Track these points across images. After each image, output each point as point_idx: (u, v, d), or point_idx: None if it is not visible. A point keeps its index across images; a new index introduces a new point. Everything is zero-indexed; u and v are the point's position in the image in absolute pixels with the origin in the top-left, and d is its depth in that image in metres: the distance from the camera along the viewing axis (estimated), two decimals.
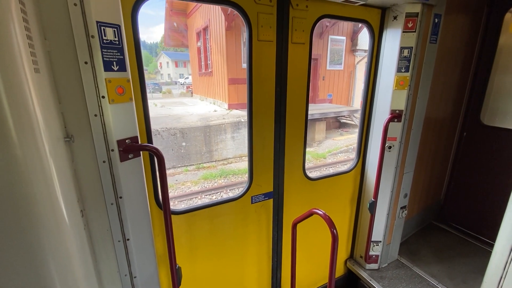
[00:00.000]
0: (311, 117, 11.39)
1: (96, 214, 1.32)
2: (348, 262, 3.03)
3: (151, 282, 1.61)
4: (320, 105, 14.00)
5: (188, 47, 17.40)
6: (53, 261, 0.93)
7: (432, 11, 2.19)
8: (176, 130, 8.94)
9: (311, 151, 10.44)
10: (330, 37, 13.93)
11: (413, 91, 2.35)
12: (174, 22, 15.75)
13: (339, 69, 14.72)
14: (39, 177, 0.88)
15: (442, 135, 3.27)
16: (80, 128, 1.20)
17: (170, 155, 8.84)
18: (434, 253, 3.13)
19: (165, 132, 8.79)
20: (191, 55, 17.38)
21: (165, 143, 8.78)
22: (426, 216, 3.67)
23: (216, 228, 2.06)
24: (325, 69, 14.32)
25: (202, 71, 15.53)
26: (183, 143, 9.05)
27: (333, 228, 1.56)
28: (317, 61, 14.07)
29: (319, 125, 11.88)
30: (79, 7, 1.09)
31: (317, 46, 13.71)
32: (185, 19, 15.75)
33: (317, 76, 14.28)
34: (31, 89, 0.85)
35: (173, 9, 15.00)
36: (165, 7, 15.11)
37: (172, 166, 8.79)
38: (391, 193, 2.62)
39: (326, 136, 12.16)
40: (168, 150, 8.83)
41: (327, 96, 14.83)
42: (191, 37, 15.85)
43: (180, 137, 8.97)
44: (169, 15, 15.34)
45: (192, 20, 15.07)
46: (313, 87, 14.39)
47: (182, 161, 9.03)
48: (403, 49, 2.21)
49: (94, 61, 1.16)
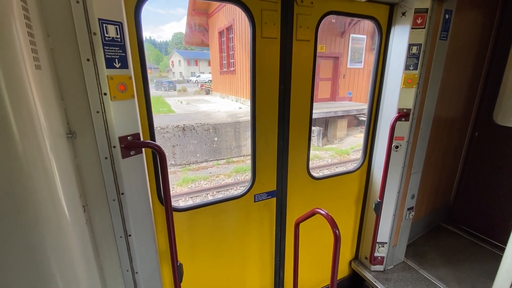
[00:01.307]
0: (334, 114, 11.65)
1: (98, 210, 1.34)
2: (353, 263, 2.99)
3: (152, 278, 1.62)
4: (340, 103, 14.17)
5: (209, 46, 17.89)
6: (53, 255, 0.94)
7: (442, 7, 2.12)
8: (209, 125, 9.47)
9: (334, 148, 10.85)
10: (351, 35, 14.13)
11: (422, 89, 2.29)
12: (195, 21, 16.15)
13: (359, 67, 14.90)
14: (39, 172, 0.89)
15: (452, 135, 3.18)
16: (82, 125, 1.21)
17: (204, 149, 9.42)
18: (442, 256, 3.05)
19: (200, 128, 9.32)
20: (211, 54, 17.84)
21: (199, 138, 9.31)
22: (435, 217, 3.58)
23: (218, 226, 2.06)
24: (345, 67, 14.58)
25: (223, 69, 15.89)
26: (215, 138, 9.57)
27: (335, 228, 1.53)
28: (338, 60, 14.28)
29: (340, 122, 12.00)
30: (81, 4, 1.10)
31: (338, 44, 14.00)
32: (206, 18, 16.14)
33: (337, 74, 14.50)
34: (32, 85, 0.86)
35: (196, 9, 15.44)
36: (187, 7, 15.58)
37: (205, 159, 9.33)
38: (397, 194, 2.56)
39: (347, 133, 12.35)
40: (201, 144, 9.38)
41: (347, 94, 15.03)
42: (213, 36, 16.29)
43: (212, 133, 9.50)
44: (191, 14, 15.80)
45: (214, 20, 15.48)
46: (334, 85, 14.68)
47: (214, 155, 9.54)
48: (411, 46, 2.15)
49: (96, 58, 1.17)
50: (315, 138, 11.18)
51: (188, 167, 8.91)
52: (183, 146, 9.16)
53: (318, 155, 9.93)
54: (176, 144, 9.07)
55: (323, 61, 14.06)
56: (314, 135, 11.18)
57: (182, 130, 9.14)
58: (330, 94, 14.93)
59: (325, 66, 14.27)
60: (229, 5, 13.50)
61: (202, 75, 38.31)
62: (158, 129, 8.80)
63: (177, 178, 7.94)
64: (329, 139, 12.04)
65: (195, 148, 9.36)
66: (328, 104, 13.87)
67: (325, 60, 14.17)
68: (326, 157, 9.79)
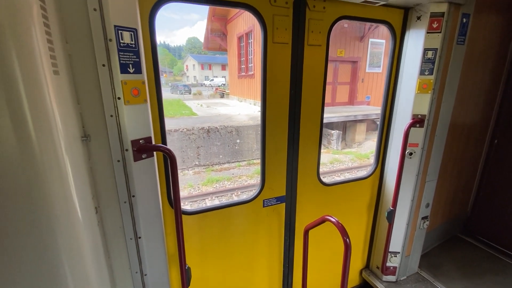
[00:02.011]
0: (354, 118, 11.68)
1: (110, 212, 1.36)
2: (364, 272, 2.91)
3: (161, 280, 1.63)
4: (358, 107, 14.20)
5: (227, 51, 18.39)
6: (65, 255, 0.96)
7: (459, 11, 2.06)
8: (232, 128, 9.78)
9: (354, 152, 10.91)
10: (370, 40, 14.24)
11: (438, 95, 2.23)
12: (215, 27, 16.69)
13: (377, 72, 14.96)
14: (54, 173, 0.91)
15: (470, 142, 3.06)
16: (96, 128, 1.24)
17: (226, 150, 9.72)
18: (458, 268, 2.93)
19: (223, 130, 9.65)
20: (229, 58, 18.35)
21: (222, 139, 9.62)
22: (451, 228, 3.45)
23: (227, 230, 2.06)
24: (364, 71, 14.68)
25: (242, 73, 16.29)
26: (238, 140, 9.84)
27: (345, 237, 1.50)
28: (357, 64, 14.38)
29: (359, 126, 11.97)
30: (98, 12, 1.13)
31: (357, 49, 14.13)
32: (225, 24, 16.65)
33: (356, 78, 14.59)
34: (50, 90, 0.89)
35: (215, 15, 15.97)
36: (207, 13, 16.21)
37: (227, 161, 9.63)
38: (411, 202, 2.48)
39: (366, 137, 12.34)
40: (224, 146, 9.68)
41: (365, 98, 15.08)
42: (231, 41, 16.74)
43: (235, 135, 9.79)
44: (211, 20, 16.33)
45: (233, 25, 15.94)
46: (352, 89, 14.78)
47: (236, 156, 9.82)
48: (427, 51, 2.10)
49: (111, 63, 1.20)
50: (334, 142, 11.21)
51: (211, 168, 9.17)
52: (207, 147, 9.48)
53: (338, 159, 9.97)
54: (201, 146, 9.38)
55: (341, 65, 14.17)
56: (333, 139, 11.24)
57: (207, 132, 9.45)
58: (348, 98, 14.99)
59: (343, 70, 14.36)
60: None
61: (216, 79, 39.07)
62: (184, 131, 9.16)
63: (202, 178, 8.18)
64: (347, 143, 11.99)
65: (218, 150, 9.64)
66: (346, 108, 13.88)
67: (344, 64, 14.25)
68: (346, 161, 9.81)
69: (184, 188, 7.58)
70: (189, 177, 8.43)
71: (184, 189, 7.50)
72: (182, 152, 9.17)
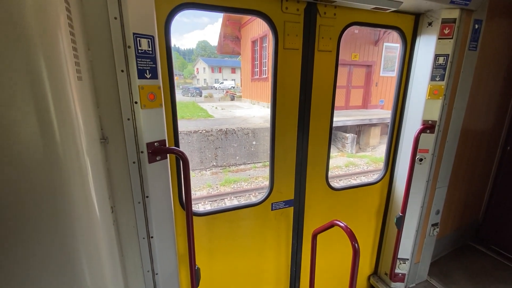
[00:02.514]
0: (369, 122, 11.68)
1: (124, 211, 1.41)
2: (372, 279, 2.88)
3: (171, 280, 1.67)
4: (372, 111, 14.19)
5: (240, 54, 18.71)
6: (84, 252, 1.00)
7: (472, 17, 2.05)
8: (248, 130, 9.99)
9: (368, 155, 10.95)
10: (384, 44, 14.28)
11: (449, 101, 2.21)
12: (229, 31, 17.02)
13: (391, 76, 14.95)
14: (76, 174, 0.96)
15: (482, 149, 3.01)
16: (114, 131, 1.29)
17: (243, 152, 9.92)
18: (469, 277, 2.87)
19: (240, 132, 9.87)
20: (243, 62, 18.70)
21: (239, 141, 9.82)
22: (462, 235, 3.38)
23: (236, 232, 2.08)
24: (378, 75, 14.72)
25: (255, 76, 16.56)
26: (254, 142, 10.04)
27: (354, 242, 1.50)
28: (371, 68, 14.43)
29: (374, 130, 11.95)
30: (119, 20, 1.19)
31: (372, 53, 14.20)
32: (239, 28, 16.96)
33: (370, 82, 14.63)
34: (74, 95, 0.95)
35: (230, 20, 16.29)
36: (221, 18, 16.68)
37: (243, 162, 9.83)
38: (421, 209, 2.46)
39: (380, 141, 12.32)
40: (241, 148, 9.87)
41: (379, 102, 15.11)
42: (245, 45, 17.01)
43: (251, 136, 9.99)
44: (225, 25, 16.69)
45: (248, 30, 16.23)
46: (366, 93, 14.80)
47: (251, 158, 10.01)
48: (438, 57, 2.10)
49: (129, 69, 1.25)
50: (349, 145, 11.21)
51: (228, 169, 9.36)
52: (224, 148, 9.67)
53: (353, 162, 9.98)
54: (218, 147, 9.59)
55: (355, 69, 14.21)
56: (348, 142, 11.24)
57: (225, 134, 9.67)
58: (362, 102, 14.99)
59: (357, 74, 14.39)
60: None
61: (225, 82, 39.52)
62: (203, 132, 9.39)
63: (220, 179, 8.35)
64: (361, 147, 11.93)
65: (235, 151, 9.82)
66: (360, 111, 13.88)
67: (358, 68, 14.29)
68: (362, 164, 9.81)
69: (203, 188, 7.78)
70: (207, 177, 8.65)
71: (203, 189, 7.69)
72: (201, 152, 9.40)
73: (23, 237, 0.85)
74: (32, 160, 0.83)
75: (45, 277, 0.92)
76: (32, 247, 0.87)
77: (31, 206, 0.85)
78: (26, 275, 0.88)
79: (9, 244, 0.83)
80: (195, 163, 9.32)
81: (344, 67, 13.85)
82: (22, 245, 0.85)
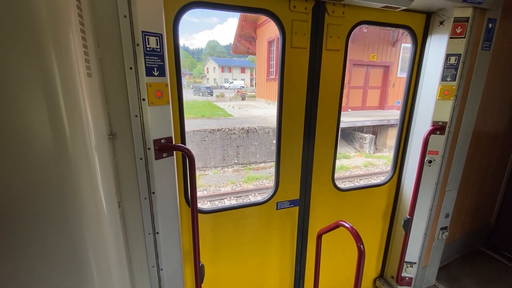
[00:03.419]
0: (387, 122, 11.70)
1: (131, 207, 1.43)
2: (378, 282, 2.84)
3: (176, 276, 1.68)
4: (389, 112, 14.25)
5: (256, 54, 19.01)
6: (91, 246, 1.03)
7: (485, 16, 2.00)
8: (269, 129, 10.23)
9: (386, 156, 11.01)
10: (402, 45, 14.35)
11: (460, 101, 2.16)
12: (245, 32, 17.30)
13: None
14: (84, 169, 0.98)
15: (494, 151, 2.93)
16: (122, 127, 1.32)
17: (263, 150, 10.19)
18: (479, 283, 2.79)
19: (261, 131, 10.16)
20: (258, 62, 19.01)
21: (259, 140, 10.09)
22: (472, 240, 3.30)
23: (240, 231, 2.09)
24: (395, 76, 14.80)
25: (271, 76, 16.80)
26: (274, 140, 10.17)
27: (360, 243, 1.48)
28: (388, 69, 14.54)
29: (391, 131, 11.92)
30: (128, 18, 1.21)
31: (389, 54, 14.31)
32: (255, 28, 17.20)
33: (387, 83, 14.73)
34: (84, 91, 0.97)
35: (246, 20, 16.52)
36: (238, 18, 16.84)
37: (263, 160, 10.10)
38: (429, 211, 2.41)
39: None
40: (261, 146, 10.14)
41: (395, 103, 15.18)
42: (260, 45, 17.25)
43: (272, 135, 10.23)
44: (241, 25, 16.95)
45: (264, 30, 16.46)
46: (383, 93, 14.96)
47: (271, 156, 10.25)
48: (449, 57, 2.05)
49: (137, 66, 1.27)
50: (367, 145, 11.29)
51: (249, 167, 9.58)
52: (245, 146, 9.91)
53: (372, 162, 10.00)
54: (240, 145, 9.82)
55: (373, 70, 14.31)
56: (366, 142, 11.33)
57: (246, 132, 9.90)
58: (378, 103, 15.04)
59: (375, 75, 14.46)
60: None
61: (235, 81, 39.66)
62: (226, 131, 9.56)
63: (242, 176, 8.58)
64: (377, 147, 11.91)
65: (256, 149, 10.04)
66: (377, 112, 13.92)
67: (375, 69, 14.37)
68: (380, 165, 9.81)
69: (226, 184, 8.01)
70: (229, 174, 8.92)
71: (227, 185, 7.94)
72: (223, 150, 9.62)
73: (32, 230, 0.87)
74: (42, 155, 0.85)
75: (52, 270, 0.94)
76: (41, 240, 0.89)
77: (40, 200, 0.87)
78: (34, 267, 0.90)
79: (19, 237, 0.85)
80: (218, 160, 9.56)
81: (361, 68, 13.92)
82: (30, 239, 0.87)
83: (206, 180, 8.33)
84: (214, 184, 8.00)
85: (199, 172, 9.13)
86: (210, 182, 8.11)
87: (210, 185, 7.93)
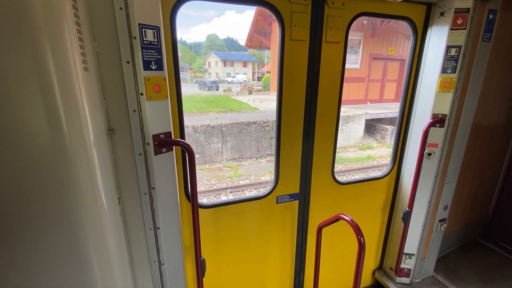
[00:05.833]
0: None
1: (131, 202, 1.43)
2: (377, 273, 2.88)
3: (177, 270, 1.69)
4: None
5: (271, 49, 19.41)
6: (92, 242, 1.02)
7: (486, 7, 1.98)
8: None
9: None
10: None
11: (460, 94, 2.15)
12: (260, 26, 17.29)
13: None
14: (83, 165, 0.97)
15: (493, 144, 2.94)
16: (120, 122, 1.30)
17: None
18: (476, 273, 2.84)
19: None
20: (272, 55, 19.53)
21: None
22: (470, 231, 3.33)
23: (241, 225, 2.09)
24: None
25: None
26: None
27: (360, 236, 1.49)
28: (405, 62, 14.82)
29: None
30: (124, 10, 1.18)
31: (407, 47, 14.58)
32: (270, 23, 17.10)
33: (403, 76, 14.77)
34: (81, 85, 0.95)
35: (262, 15, 16.43)
36: (254, 12, 16.87)
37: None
38: (428, 204, 2.43)
39: None
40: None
41: None
42: (275, 39, 17.27)
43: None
44: (257, 19, 16.92)
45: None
46: (399, 86, 15.30)
47: None
48: (450, 48, 2.03)
49: (135, 60, 1.25)
50: (388, 136, 11.72)
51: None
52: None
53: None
54: (272, 137, 9.99)
55: (390, 63, 14.54)
56: (387, 134, 11.70)
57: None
58: (395, 95, 15.32)
59: (392, 68, 14.71)
60: None
61: (237, 76, 39.33)
62: (260, 123, 10.05)
63: (266, 168, 9.04)
64: (388, 141, 12.26)
65: None
66: (393, 104, 14.16)
67: (393, 63, 14.58)
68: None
69: (265, 173, 8.54)
70: (264, 165, 9.36)
71: (266, 175, 8.47)
72: (258, 142, 9.91)
73: (32, 228, 0.86)
74: (40, 151, 0.84)
75: (54, 266, 0.94)
76: (41, 237, 0.89)
77: (39, 197, 0.86)
78: (35, 263, 0.90)
79: (19, 234, 0.85)
80: (253, 152, 9.85)
81: (380, 61, 14.08)
82: (31, 235, 0.87)
83: (245, 170, 8.76)
84: (253, 174, 8.41)
85: (235, 162, 9.49)
86: (249, 172, 8.57)
87: (250, 174, 8.38)
